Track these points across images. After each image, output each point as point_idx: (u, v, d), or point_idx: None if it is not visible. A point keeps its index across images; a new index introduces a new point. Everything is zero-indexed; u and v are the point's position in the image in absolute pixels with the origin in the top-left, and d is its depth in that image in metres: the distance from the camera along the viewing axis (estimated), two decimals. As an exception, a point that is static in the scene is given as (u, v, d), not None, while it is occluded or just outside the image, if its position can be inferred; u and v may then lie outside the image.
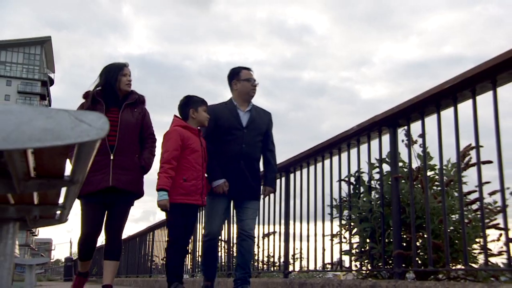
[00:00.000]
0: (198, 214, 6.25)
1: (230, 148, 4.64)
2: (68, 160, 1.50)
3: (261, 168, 5.01)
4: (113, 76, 4.50)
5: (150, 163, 4.70)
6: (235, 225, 5.97)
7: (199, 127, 4.60)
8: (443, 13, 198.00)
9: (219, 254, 6.99)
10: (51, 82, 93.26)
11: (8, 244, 2.39)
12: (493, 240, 3.58)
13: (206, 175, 4.60)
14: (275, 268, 6.19)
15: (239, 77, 4.79)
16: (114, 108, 4.47)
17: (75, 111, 1.09)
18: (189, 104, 4.58)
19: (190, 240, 4.92)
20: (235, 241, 6.31)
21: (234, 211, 5.05)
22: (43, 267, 29.23)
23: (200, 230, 7.75)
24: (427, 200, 3.65)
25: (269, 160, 4.94)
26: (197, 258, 8.12)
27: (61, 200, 2.14)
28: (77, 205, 4.01)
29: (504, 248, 3.13)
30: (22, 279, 12.67)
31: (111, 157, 4.35)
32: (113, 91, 4.50)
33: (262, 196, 5.03)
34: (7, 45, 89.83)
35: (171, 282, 4.32)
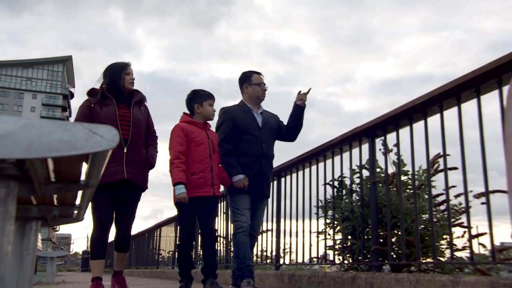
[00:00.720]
0: (218, 205, 5.69)
1: (252, 148, 4.25)
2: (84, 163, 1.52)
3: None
4: (117, 74, 4.19)
5: (155, 159, 4.42)
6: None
7: (206, 121, 4.28)
8: (416, 37, 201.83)
9: (218, 248, 6.75)
10: (72, 95, 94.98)
11: (31, 240, 2.39)
12: (458, 237, 3.58)
13: (220, 165, 4.26)
14: (267, 261, 6.17)
15: (250, 81, 4.43)
16: (122, 105, 4.19)
17: (89, 124, 1.09)
18: (194, 98, 4.24)
19: (214, 230, 4.28)
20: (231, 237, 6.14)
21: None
22: (63, 259, 29.05)
23: (221, 224, 7.11)
24: (401, 201, 3.66)
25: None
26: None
27: (77, 201, 2.16)
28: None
29: (468, 244, 3.15)
30: (44, 269, 12.61)
31: (125, 150, 4.01)
32: (117, 88, 4.20)
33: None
34: (34, 63, 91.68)
35: (181, 280, 4.13)
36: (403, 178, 3.89)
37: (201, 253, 5.86)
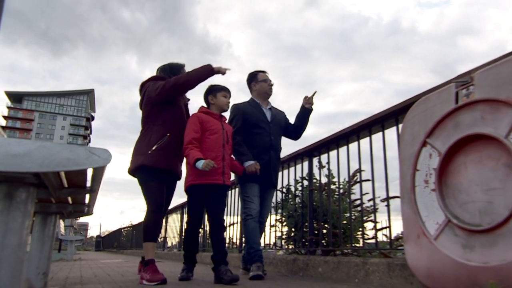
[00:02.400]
0: (227, 194, 5.04)
1: (261, 140, 3.54)
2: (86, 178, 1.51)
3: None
4: (176, 73, 3.33)
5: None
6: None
7: (221, 113, 3.43)
8: (347, 84, 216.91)
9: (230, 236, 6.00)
10: (92, 118, 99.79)
11: (51, 230, 2.37)
12: (369, 229, 3.66)
13: (233, 156, 3.48)
14: (234, 246, 6.10)
15: (256, 79, 3.74)
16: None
17: (90, 147, 1.11)
18: (209, 92, 3.43)
19: (222, 218, 3.24)
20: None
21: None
22: (81, 242, 28.43)
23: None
24: (329, 204, 3.73)
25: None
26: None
27: (86, 200, 2.16)
28: (135, 183, 3.15)
29: (374, 235, 3.23)
30: (66, 249, 12.34)
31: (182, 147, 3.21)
32: None
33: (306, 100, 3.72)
34: (66, 93, 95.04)
35: (185, 262, 3.33)
36: (332, 187, 3.96)
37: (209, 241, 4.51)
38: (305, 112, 3.70)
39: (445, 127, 2.16)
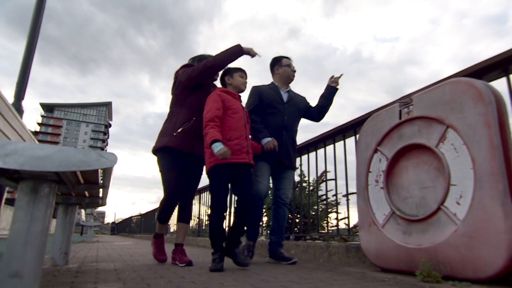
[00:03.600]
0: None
1: (274, 120, 2.93)
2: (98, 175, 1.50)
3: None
4: None
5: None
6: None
7: (239, 94, 2.73)
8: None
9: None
10: (110, 125, 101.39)
11: (72, 218, 2.34)
12: (333, 219, 3.68)
13: (251, 136, 2.78)
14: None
15: (280, 63, 3.12)
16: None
17: (100, 151, 1.11)
18: (226, 73, 2.77)
19: (251, 196, 2.48)
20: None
21: (271, 179, 3.07)
22: (99, 227, 28.12)
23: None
24: (301, 199, 3.75)
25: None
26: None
27: (100, 194, 2.14)
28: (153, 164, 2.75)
29: (336, 223, 3.24)
30: (86, 233, 12.18)
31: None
32: None
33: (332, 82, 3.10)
34: (89, 105, 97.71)
35: (214, 252, 2.40)
36: (304, 184, 3.97)
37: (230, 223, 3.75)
38: (331, 90, 3.10)
39: (392, 138, 2.20)
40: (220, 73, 2.75)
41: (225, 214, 2.43)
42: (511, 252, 1.49)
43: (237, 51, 2.64)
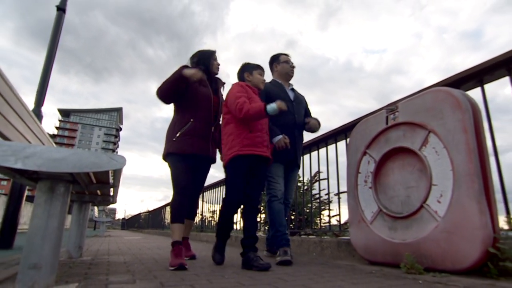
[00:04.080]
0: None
1: (285, 118, 2.61)
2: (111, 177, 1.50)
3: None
4: (207, 59, 2.56)
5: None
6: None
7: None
8: (314, 106, 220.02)
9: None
10: (120, 129, 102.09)
11: (85, 214, 2.35)
12: (325, 216, 3.66)
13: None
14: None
15: (278, 60, 2.85)
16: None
17: (110, 154, 1.13)
18: (244, 69, 2.48)
19: (259, 201, 2.22)
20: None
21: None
22: (110, 222, 28.12)
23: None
24: (296, 197, 3.74)
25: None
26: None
27: (111, 193, 2.15)
28: (161, 168, 2.58)
29: (328, 220, 3.24)
30: (99, 228, 12.18)
31: (212, 128, 2.46)
32: (207, 72, 2.55)
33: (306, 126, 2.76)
34: (102, 110, 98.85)
35: (218, 244, 2.26)
36: (298, 184, 3.96)
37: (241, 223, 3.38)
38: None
39: (379, 141, 2.22)
40: (238, 68, 2.51)
41: (237, 209, 2.15)
42: (485, 246, 1.51)
43: (176, 77, 2.29)
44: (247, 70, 2.45)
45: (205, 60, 2.55)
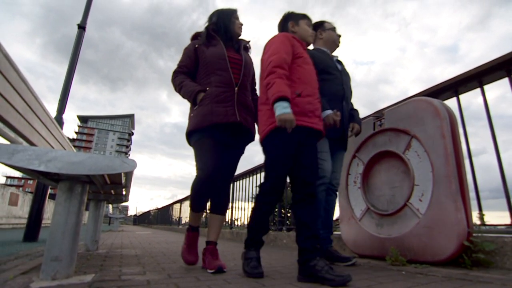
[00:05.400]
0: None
1: (332, 87, 1.89)
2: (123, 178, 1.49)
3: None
4: (228, 17, 1.85)
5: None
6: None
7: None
8: None
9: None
10: (132, 134, 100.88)
11: (101, 211, 2.38)
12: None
13: None
14: (225, 224, 5.73)
15: (323, 27, 2.09)
16: (230, 48, 1.82)
17: (123, 158, 1.15)
18: (288, 18, 1.73)
19: (314, 183, 1.40)
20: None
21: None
22: (123, 218, 28.44)
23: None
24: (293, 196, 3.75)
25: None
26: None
27: (124, 192, 2.17)
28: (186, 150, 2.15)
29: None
30: (113, 223, 12.21)
31: (236, 90, 1.67)
32: (227, 30, 1.83)
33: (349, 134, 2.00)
34: (116, 117, 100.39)
35: (248, 246, 1.51)
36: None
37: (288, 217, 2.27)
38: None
39: (367, 146, 2.23)
40: (280, 18, 1.81)
41: (278, 200, 1.50)
42: (460, 240, 1.52)
43: (189, 97, 1.72)
44: (292, 18, 1.73)
45: (225, 20, 1.87)
